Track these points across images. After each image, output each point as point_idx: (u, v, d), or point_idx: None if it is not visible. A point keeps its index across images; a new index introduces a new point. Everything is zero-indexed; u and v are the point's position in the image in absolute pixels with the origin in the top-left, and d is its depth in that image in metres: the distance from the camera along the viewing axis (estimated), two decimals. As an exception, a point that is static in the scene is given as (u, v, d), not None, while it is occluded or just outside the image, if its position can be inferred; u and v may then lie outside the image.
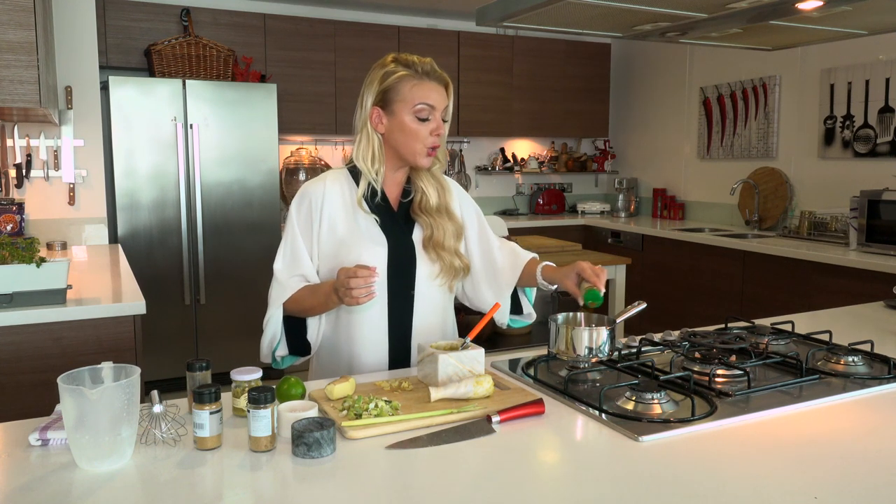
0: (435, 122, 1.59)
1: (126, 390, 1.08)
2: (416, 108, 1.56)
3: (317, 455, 1.11)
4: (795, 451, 1.15)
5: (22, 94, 2.30)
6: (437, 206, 1.67)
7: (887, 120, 3.91)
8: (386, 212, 1.65)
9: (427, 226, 1.66)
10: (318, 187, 1.64)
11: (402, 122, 1.58)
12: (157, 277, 4.06)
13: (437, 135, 1.59)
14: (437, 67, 1.60)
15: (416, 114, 1.57)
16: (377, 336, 1.66)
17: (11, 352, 2.05)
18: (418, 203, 1.67)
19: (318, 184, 1.65)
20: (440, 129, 1.60)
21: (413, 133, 1.58)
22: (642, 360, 1.57)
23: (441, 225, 1.66)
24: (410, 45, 5.05)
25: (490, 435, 1.21)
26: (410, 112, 1.57)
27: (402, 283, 1.65)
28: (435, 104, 1.57)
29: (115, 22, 4.23)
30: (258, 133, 4.26)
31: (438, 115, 1.59)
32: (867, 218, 3.59)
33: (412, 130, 1.58)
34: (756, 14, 2.07)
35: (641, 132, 5.85)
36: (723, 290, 4.17)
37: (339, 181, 1.65)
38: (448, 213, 1.69)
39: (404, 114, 1.57)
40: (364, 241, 1.62)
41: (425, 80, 1.57)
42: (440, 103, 1.59)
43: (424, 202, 1.66)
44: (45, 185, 3.56)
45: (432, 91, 1.57)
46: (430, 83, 1.57)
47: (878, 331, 1.94)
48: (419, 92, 1.56)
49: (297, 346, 1.66)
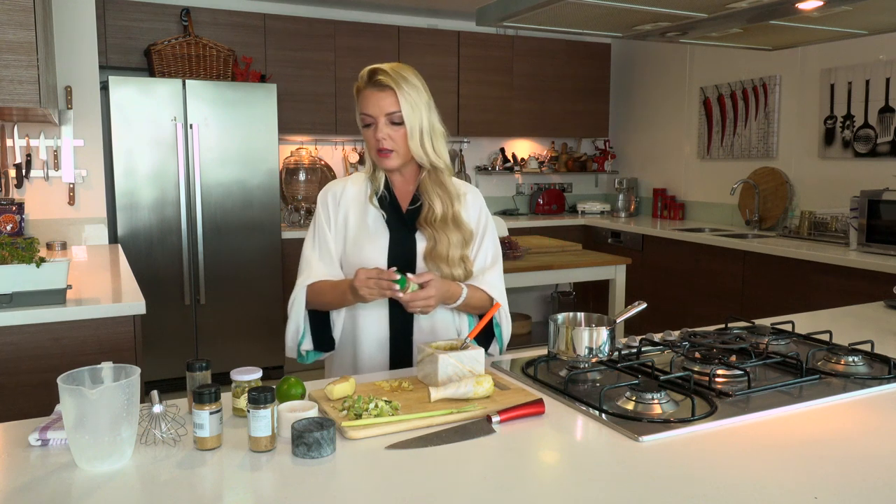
0: (375, 128, 1.64)
1: (126, 390, 1.08)
2: (361, 117, 1.67)
3: (317, 455, 1.11)
4: (795, 451, 1.15)
5: (22, 94, 2.30)
6: (441, 217, 1.69)
7: (887, 120, 3.91)
8: (394, 211, 1.73)
9: (430, 237, 1.69)
10: (340, 185, 1.78)
11: (361, 132, 1.70)
12: (157, 277, 4.06)
13: (381, 139, 1.64)
14: (380, 73, 1.62)
15: (362, 123, 1.67)
16: (379, 333, 1.71)
17: (11, 352, 2.05)
18: (424, 215, 1.70)
19: (340, 182, 1.79)
20: (379, 133, 1.63)
21: (366, 140, 1.69)
22: (642, 360, 1.57)
23: (445, 237, 1.68)
24: (410, 45, 5.05)
25: (490, 435, 1.21)
26: (360, 123, 1.68)
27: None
28: (371, 112, 1.63)
29: (115, 22, 4.23)
30: (258, 133, 4.26)
31: (380, 120, 1.63)
32: (867, 218, 3.59)
33: (365, 138, 1.69)
34: (756, 14, 2.07)
35: (641, 132, 5.84)
36: (723, 290, 4.17)
37: (359, 182, 1.77)
38: (455, 222, 1.70)
39: (359, 125, 1.69)
40: (368, 233, 1.70)
41: (365, 90, 1.65)
42: (377, 110, 1.63)
43: (430, 215, 1.70)
44: (45, 185, 3.56)
45: (369, 99, 1.64)
46: (368, 91, 1.64)
47: (878, 331, 1.94)
48: (361, 102, 1.66)
49: (322, 340, 1.73)
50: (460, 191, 1.76)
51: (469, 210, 1.76)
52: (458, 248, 1.69)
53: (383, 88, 1.62)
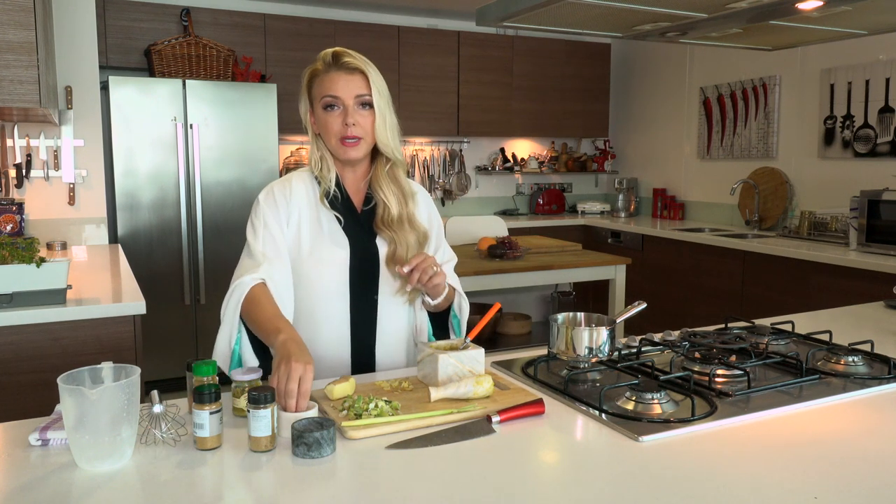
0: (343, 111, 1.54)
1: (126, 390, 1.08)
2: (323, 100, 1.55)
3: (317, 455, 1.11)
4: (795, 451, 1.15)
5: (22, 94, 2.30)
6: (398, 217, 1.62)
7: (887, 120, 3.91)
8: (349, 214, 1.63)
9: (390, 241, 1.61)
10: (284, 184, 1.63)
11: (319, 118, 1.57)
12: (157, 277, 4.06)
13: (348, 124, 1.53)
14: (346, 56, 1.54)
15: (324, 107, 1.55)
16: (339, 337, 1.62)
17: (11, 352, 2.05)
18: (380, 216, 1.62)
19: (283, 182, 1.63)
20: (349, 117, 1.53)
21: (325, 126, 1.56)
22: (642, 360, 1.57)
23: (403, 239, 1.61)
24: (410, 45, 5.05)
25: (490, 435, 1.21)
26: (321, 106, 1.55)
27: (365, 287, 1.62)
28: (338, 94, 1.53)
29: (115, 22, 4.23)
30: (258, 133, 4.26)
31: (349, 103, 1.53)
32: (867, 218, 3.59)
33: (324, 124, 1.56)
34: (756, 14, 2.07)
35: (641, 132, 5.84)
36: (723, 290, 4.17)
37: (303, 180, 1.64)
38: (410, 222, 1.64)
39: (318, 110, 1.56)
40: (326, 241, 1.60)
41: (330, 72, 1.54)
42: (346, 92, 1.53)
43: (387, 215, 1.62)
44: (45, 185, 3.56)
45: (336, 81, 1.53)
46: (334, 73, 1.53)
47: (878, 331, 1.94)
48: (323, 84, 1.54)
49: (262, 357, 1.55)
50: (413, 189, 1.70)
51: (420, 209, 1.70)
52: (415, 250, 1.62)
53: (352, 71, 1.53)
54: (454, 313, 1.71)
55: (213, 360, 1.29)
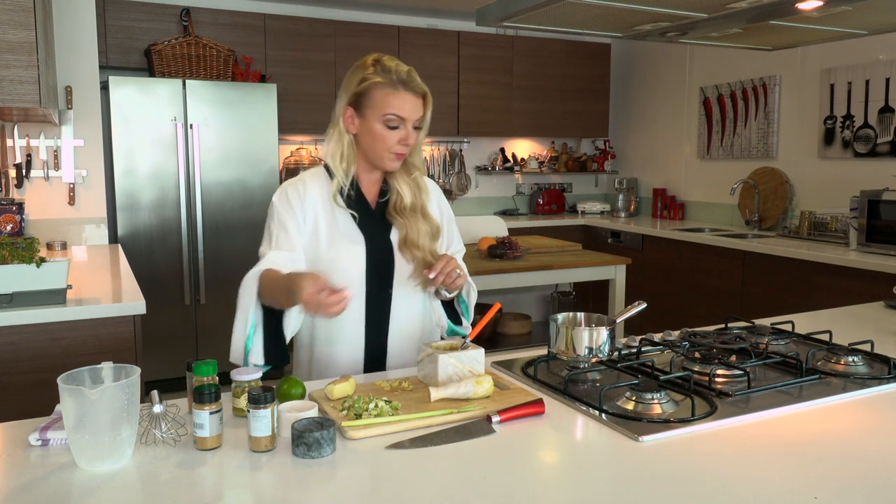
0: (404, 132, 1.58)
1: (126, 390, 1.08)
2: (386, 116, 1.57)
3: (317, 455, 1.11)
4: (795, 451, 1.15)
5: (22, 94, 2.30)
6: (411, 206, 1.66)
7: (887, 120, 3.91)
8: (363, 210, 1.65)
9: (402, 226, 1.66)
10: (299, 184, 1.65)
11: (372, 127, 1.58)
12: (157, 277, 4.06)
13: (405, 144, 1.59)
14: (415, 77, 1.59)
15: (385, 122, 1.57)
16: (354, 335, 1.65)
17: (11, 352, 2.05)
18: (393, 204, 1.67)
19: (297, 181, 1.66)
20: (409, 139, 1.59)
21: (380, 139, 1.59)
22: (642, 360, 1.57)
23: (415, 225, 1.65)
24: (410, 45, 5.05)
25: (490, 435, 1.21)
26: (380, 119, 1.57)
27: (380, 283, 1.65)
28: (406, 116, 1.57)
29: (115, 22, 4.23)
30: (258, 133, 4.26)
31: (409, 125, 1.58)
32: (867, 218, 3.59)
33: (380, 136, 1.58)
34: (756, 14, 2.07)
35: (641, 132, 5.84)
36: (723, 290, 4.17)
37: (317, 179, 1.67)
38: (423, 214, 1.68)
39: (374, 120, 1.58)
40: (342, 239, 1.62)
41: (400, 91, 1.56)
42: (412, 114, 1.58)
43: (399, 203, 1.66)
44: (45, 185, 3.56)
45: (405, 102, 1.57)
46: (404, 94, 1.57)
47: (878, 331, 1.94)
48: (391, 101, 1.56)
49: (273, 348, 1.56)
50: (427, 184, 1.74)
51: (432, 203, 1.74)
52: (427, 238, 1.67)
53: (418, 94, 1.59)
54: (462, 298, 1.75)
55: (213, 361, 1.29)
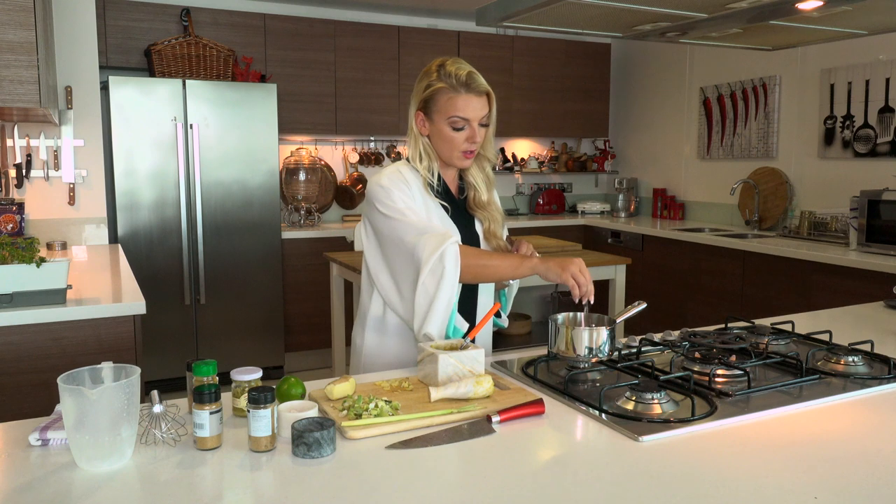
0: (470, 130, 1.68)
1: (126, 390, 1.08)
2: (451, 119, 1.68)
3: (317, 455, 1.11)
4: (795, 451, 1.15)
5: (22, 94, 2.30)
6: (487, 200, 1.81)
7: (887, 120, 3.91)
8: (452, 203, 1.78)
9: (485, 219, 1.81)
10: (399, 174, 1.72)
11: (440, 129, 1.70)
12: (157, 277, 4.06)
13: (473, 141, 1.69)
14: (476, 78, 1.67)
15: (451, 124, 1.68)
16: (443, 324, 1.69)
17: (11, 352, 2.05)
18: (472, 199, 1.81)
19: (395, 172, 1.72)
20: (476, 137, 1.69)
21: (448, 140, 1.70)
22: (642, 360, 1.57)
23: (494, 217, 1.81)
24: (410, 45, 5.05)
25: (490, 435, 1.21)
26: (446, 122, 1.68)
27: None
28: (470, 116, 1.67)
29: (115, 22, 4.23)
30: (258, 133, 4.26)
31: (475, 123, 1.68)
32: (867, 218, 3.59)
33: (448, 138, 1.70)
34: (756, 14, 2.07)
35: (641, 132, 5.84)
36: (723, 290, 4.17)
37: (407, 171, 1.75)
38: (495, 205, 1.84)
39: (441, 123, 1.69)
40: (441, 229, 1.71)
41: (462, 93, 1.66)
42: (475, 114, 1.67)
43: (477, 198, 1.80)
44: (45, 185, 3.56)
45: (468, 104, 1.66)
46: (465, 96, 1.66)
47: (878, 331, 1.94)
48: (453, 104, 1.66)
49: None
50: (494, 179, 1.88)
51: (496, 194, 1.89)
52: (500, 228, 1.83)
53: (481, 94, 1.68)
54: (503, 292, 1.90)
55: (213, 360, 1.29)
